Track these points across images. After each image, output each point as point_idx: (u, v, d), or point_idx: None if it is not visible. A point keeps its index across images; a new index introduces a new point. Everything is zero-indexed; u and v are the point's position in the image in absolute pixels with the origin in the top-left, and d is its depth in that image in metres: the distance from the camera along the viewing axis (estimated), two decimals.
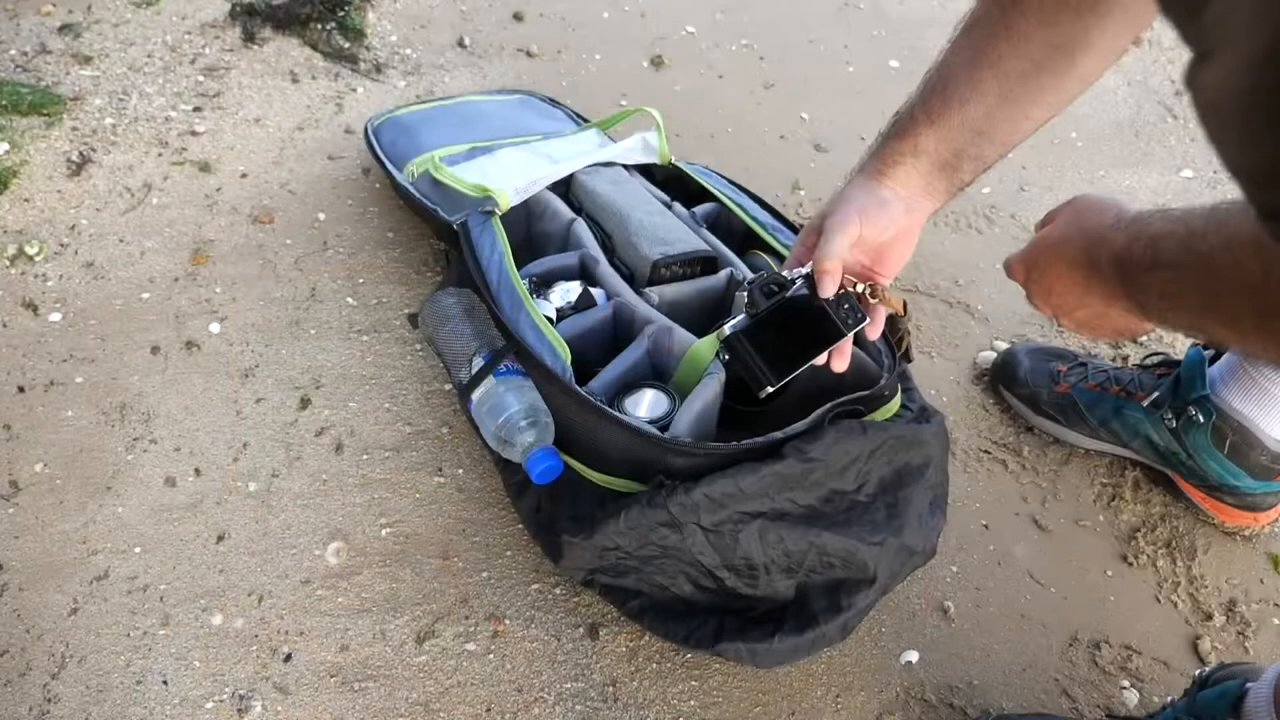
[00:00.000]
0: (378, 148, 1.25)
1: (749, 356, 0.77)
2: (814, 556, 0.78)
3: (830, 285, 0.74)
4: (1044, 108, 0.70)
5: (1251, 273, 0.45)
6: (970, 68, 0.70)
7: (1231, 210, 0.47)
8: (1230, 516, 1.01)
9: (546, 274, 0.99)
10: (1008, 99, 0.69)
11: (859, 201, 0.74)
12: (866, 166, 0.76)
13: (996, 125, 0.71)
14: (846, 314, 0.77)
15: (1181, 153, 1.59)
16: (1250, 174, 0.35)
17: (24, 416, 1.01)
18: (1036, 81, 0.68)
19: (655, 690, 0.85)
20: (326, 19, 1.58)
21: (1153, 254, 0.53)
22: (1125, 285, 0.57)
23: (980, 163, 0.74)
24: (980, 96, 0.69)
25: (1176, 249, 0.51)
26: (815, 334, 0.77)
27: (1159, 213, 0.55)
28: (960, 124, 0.71)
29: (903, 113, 0.75)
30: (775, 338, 0.77)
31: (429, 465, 1.01)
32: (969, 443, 1.10)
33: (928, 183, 0.75)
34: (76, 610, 0.86)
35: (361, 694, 0.83)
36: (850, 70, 1.71)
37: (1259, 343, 0.48)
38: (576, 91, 1.55)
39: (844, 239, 0.73)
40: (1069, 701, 0.89)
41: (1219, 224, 0.48)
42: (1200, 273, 0.49)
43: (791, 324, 0.77)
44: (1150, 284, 0.54)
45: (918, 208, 0.75)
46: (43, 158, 1.28)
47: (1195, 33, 0.35)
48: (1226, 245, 0.47)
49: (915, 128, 0.73)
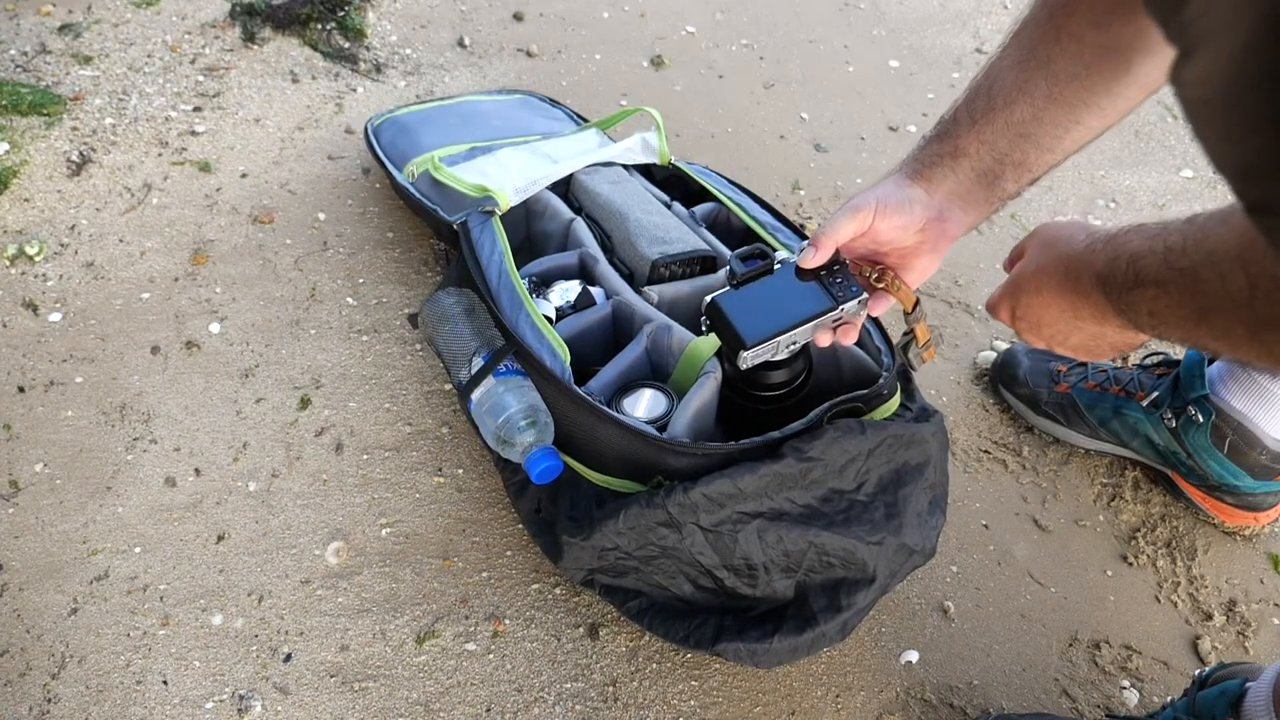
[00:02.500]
0: (378, 147, 1.25)
1: (725, 323, 0.74)
2: (813, 556, 0.78)
3: (812, 255, 0.71)
4: (1097, 113, 0.66)
5: (1238, 287, 0.44)
6: (1018, 69, 0.66)
7: (1209, 224, 0.47)
8: (1230, 516, 1.01)
9: (546, 274, 0.99)
10: (1056, 100, 0.65)
11: (881, 193, 0.71)
12: (904, 165, 0.73)
13: (1043, 128, 0.67)
14: (839, 287, 0.74)
15: (1181, 153, 1.59)
16: (1234, 169, 0.35)
17: (24, 416, 1.01)
18: (1087, 84, 0.64)
19: (655, 690, 0.85)
20: (326, 19, 1.58)
21: (1135, 272, 0.52)
22: (1112, 303, 0.56)
23: (1025, 171, 0.69)
24: (1027, 98, 0.66)
25: (1158, 267, 0.50)
26: (801, 304, 0.74)
27: (1134, 229, 0.54)
28: (1005, 125, 0.67)
29: (945, 116, 0.71)
30: (758, 306, 0.74)
31: (429, 465, 1.01)
32: (969, 443, 1.10)
33: (966, 190, 0.70)
34: (76, 610, 0.86)
35: (361, 694, 0.83)
36: (850, 70, 1.71)
37: (1253, 354, 0.47)
38: (576, 91, 1.55)
39: (850, 221, 0.70)
40: (1069, 701, 0.89)
41: (1198, 239, 0.47)
42: (1184, 289, 0.48)
43: (778, 295, 0.75)
44: (1137, 301, 0.53)
45: (951, 217, 0.71)
46: (43, 158, 1.29)
47: (1177, 30, 0.36)
48: (1209, 260, 0.46)
49: (957, 129, 0.69)
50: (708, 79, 1.64)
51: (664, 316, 0.91)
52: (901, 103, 1.64)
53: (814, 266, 0.73)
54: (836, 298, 0.73)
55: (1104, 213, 1.46)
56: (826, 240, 0.71)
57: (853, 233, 0.71)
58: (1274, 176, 0.33)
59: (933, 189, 0.71)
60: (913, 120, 1.60)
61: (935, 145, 0.71)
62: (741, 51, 1.72)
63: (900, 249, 0.73)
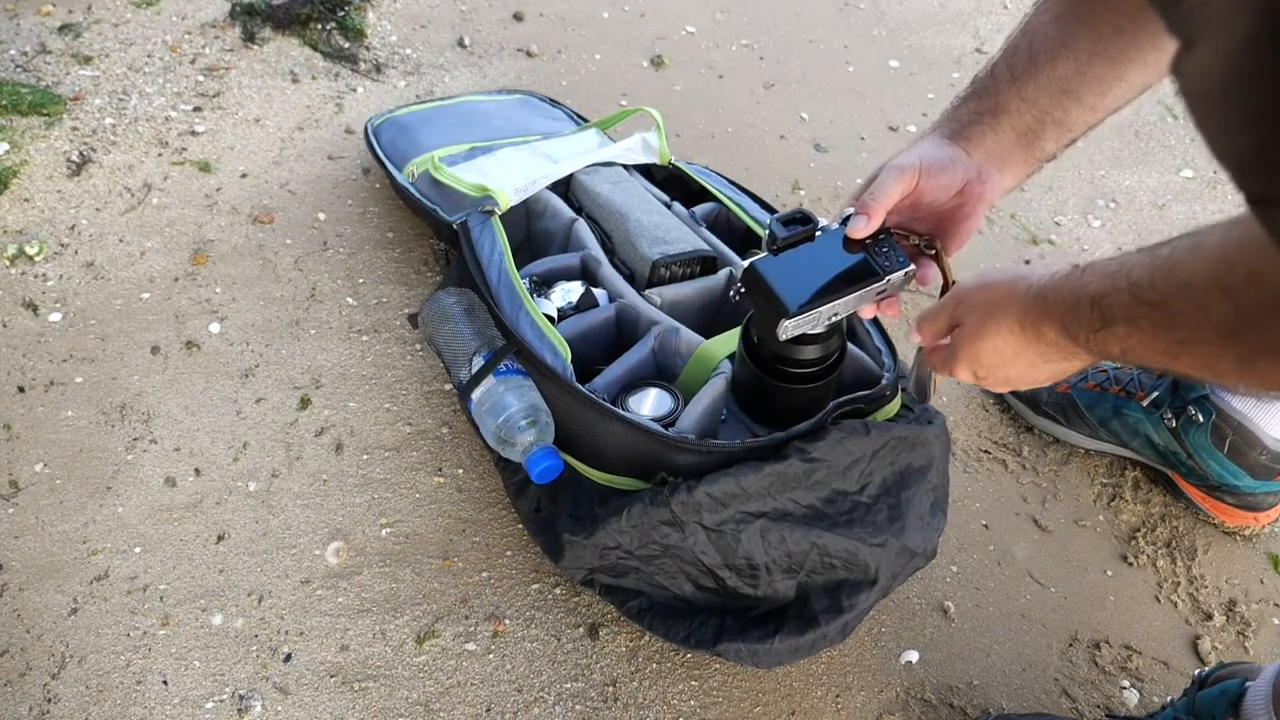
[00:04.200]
0: (378, 147, 1.25)
1: (766, 289, 0.68)
2: (815, 557, 0.78)
3: (862, 224, 0.66)
4: (1141, 68, 0.62)
5: (1222, 315, 0.42)
6: (1058, 23, 0.63)
7: (1176, 254, 0.45)
8: (1230, 516, 1.01)
9: (547, 274, 0.99)
10: (1100, 54, 0.62)
11: (923, 151, 0.67)
12: (939, 126, 0.69)
13: (1087, 84, 0.63)
14: (885, 257, 0.69)
15: (1181, 153, 1.59)
16: (1235, 162, 0.35)
17: (24, 416, 1.01)
18: (1132, 37, 0.61)
19: (655, 690, 0.85)
20: (326, 19, 1.58)
21: (1100, 313, 0.50)
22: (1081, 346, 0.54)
23: (1065, 130, 0.66)
24: (1070, 52, 0.63)
25: (1125, 305, 0.48)
26: (846, 274, 0.69)
27: (1090, 269, 0.52)
28: (1047, 82, 0.64)
29: (981, 73, 0.68)
30: (799, 273, 0.69)
31: (429, 465, 1.01)
32: (969, 443, 1.10)
33: (1005, 150, 0.67)
34: (76, 610, 0.86)
35: (361, 694, 0.83)
36: (850, 70, 1.71)
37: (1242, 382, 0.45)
38: (576, 91, 1.55)
39: (898, 183, 0.66)
40: (1069, 701, 0.89)
41: (1166, 272, 0.45)
42: (1157, 324, 0.46)
43: (820, 262, 0.69)
44: (1106, 341, 0.51)
45: (989, 178, 0.68)
46: (43, 158, 1.28)
47: (1178, 21, 0.36)
48: (1183, 291, 0.44)
49: (996, 85, 0.66)
50: (708, 79, 1.64)
51: (671, 319, 0.91)
52: (901, 103, 1.64)
53: (867, 237, 0.68)
54: (883, 268, 0.69)
55: (1104, 213, 1.46)
56: (878, 206, 0.66)
57: (900, 194, 0.67)
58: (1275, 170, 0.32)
59: (972, 148, 0.67)
60: (913, 120, 1.60)
61: (973, 103, 0.67)
62: (741, 51, 1.72)
63: (939, 212, 0.70)
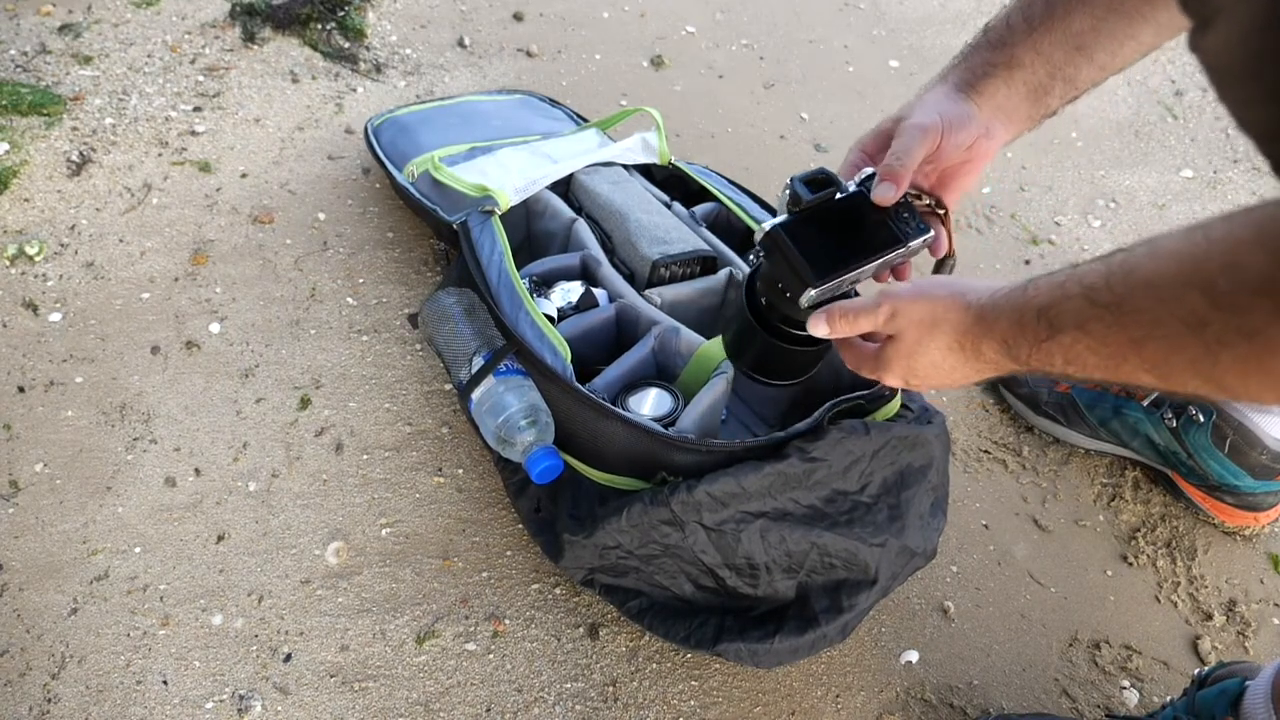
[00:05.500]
0: (378, 147, 1.25)
1: (789, 254, 0.64)
2: (815, 557, 0.78)
3: (891, 192, 0.64)
4: (1154, 28, 0.62)
5: (1191, 309, 0.42)
6: None
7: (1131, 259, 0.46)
8: (1230, 516, 1.01)
9: (547, 274, 0.99)
10: (1116, 10, 0.62)
11: (942, 108, 0.65)
12: (949, 77, 0.68)
13: (1100, 41, 0.63)
14: (905, 222, 0.67)
15: (1181, 153, 1.59)
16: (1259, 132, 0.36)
17: (24, 416, 1.01)
18: None
19: (655, 690, 0.85)
20: (326, 19, 1.58)
21: (1048, 323, 0.51)
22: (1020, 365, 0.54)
23: (1072, 88, 0.66)
24: (1087, 6, 0.62)
25: (1076, 309, 0.49)
26: (868, 240, 0.66)
27: (1034, 283, 0.52)
28: (1062, 36, 0.63)
29: (994, 23, 0.66)
30: (821, 238, 0.65)
31: (429, 465, 1.01)
32: (969, 443, 1.10)
33: (1013, 105, 0.66)
34: (76, 610, 0.86)
35: (361, 694, 0.83)
36: (850, 70, 1.71)
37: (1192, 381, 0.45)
38: (576, 91, 1.55)
39: (922, 145, 0.64)
40: (1069, 701, 0.89)
41: (1122, 274, 0.46)
42: (1109, 325, 0.47)
43: (841, 227, 0.66)
44: (1050, 353, 0.51)
45: (995, 134, 0.67)
46: (43, 158, 1.28)
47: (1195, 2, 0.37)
48: (1145, 289, 0.45)
49: (1012, 36, 0.64)
50: (708, 79, 1.64)
51: (672, 319, 0.91)
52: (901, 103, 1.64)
53: (894, 203, 0.65)
54: (905, 234, 0.66)
55: (1104, 213, 1.46)
56: (905, 171, 0.64)
57: (924, 156, 0.65)
58: None
59: (983, 102, 0.66)
60: None
61: (988, 54, 0.66)
62: (741, 51, 1.72)
63: (947, 168, 0.68)
